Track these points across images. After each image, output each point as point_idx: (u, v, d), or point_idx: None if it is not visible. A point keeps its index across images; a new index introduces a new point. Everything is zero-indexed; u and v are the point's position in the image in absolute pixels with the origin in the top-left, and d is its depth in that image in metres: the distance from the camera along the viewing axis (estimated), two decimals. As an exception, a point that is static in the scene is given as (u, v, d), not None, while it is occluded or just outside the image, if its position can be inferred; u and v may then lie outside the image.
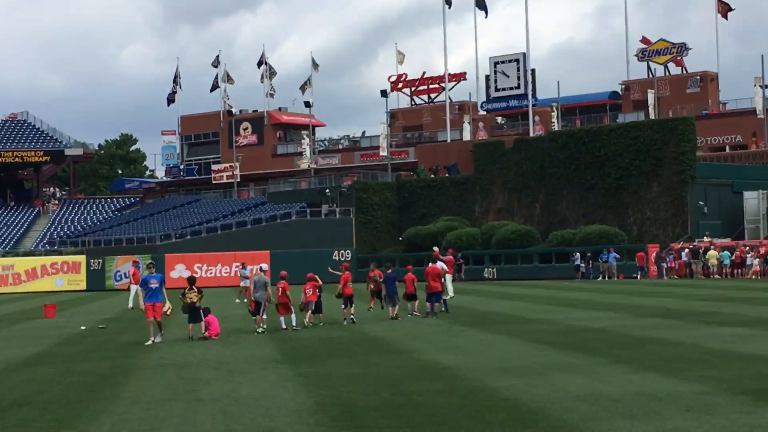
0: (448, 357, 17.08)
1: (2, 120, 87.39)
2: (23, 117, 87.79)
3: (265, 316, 23.64)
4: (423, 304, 27.23)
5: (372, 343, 20.12)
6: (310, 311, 24.90)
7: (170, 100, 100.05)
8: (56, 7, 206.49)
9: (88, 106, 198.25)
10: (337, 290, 26.25)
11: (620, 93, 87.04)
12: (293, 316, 24.13)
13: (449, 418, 11.30)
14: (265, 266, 25.00)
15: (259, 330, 23.34)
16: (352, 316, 25.67)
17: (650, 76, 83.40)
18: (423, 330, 23.01)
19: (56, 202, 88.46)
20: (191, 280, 22.75)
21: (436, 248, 33.51)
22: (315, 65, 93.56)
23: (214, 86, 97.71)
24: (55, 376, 16.12)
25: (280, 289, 23.80)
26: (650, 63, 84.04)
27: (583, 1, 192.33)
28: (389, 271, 27.03)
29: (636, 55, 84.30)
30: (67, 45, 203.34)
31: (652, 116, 72.46)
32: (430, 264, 27.69)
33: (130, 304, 36.25)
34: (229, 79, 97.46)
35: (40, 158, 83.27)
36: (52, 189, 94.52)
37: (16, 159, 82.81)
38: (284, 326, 23.81)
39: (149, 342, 21.36)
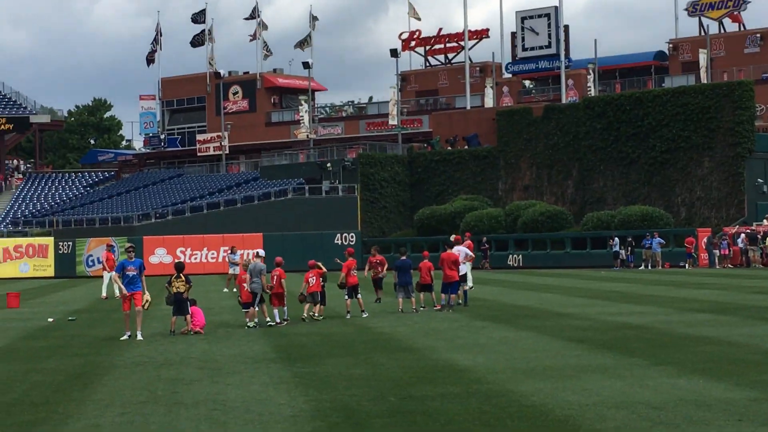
0: (466, 357, 17.13)
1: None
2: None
3: (257, 309, 23.67)
4: (438, 295, 27.29)
5: (378, 340, 20.19)
6: (317, 304, 24.97)
7: (150, 59, 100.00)
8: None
9: (57, 66, 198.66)
10: (339, 279, 26.30)
11: (667, 53, 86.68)
12: (286, 308, 24.26)
13: (466, 426, 11.34)
14: (261, 252, 25.04)
15: (251, 324, 23.43)
16: (362, 311, 25.72)
17: (702, 33, 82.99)
18: (437, 325, 23.08)
19: (20, 176, 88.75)
20: (179, 267, 22.84)
21: (456, 235, 33.64)
22: (313, 20, 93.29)
23: (197, 42, 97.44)
24: (18, 375, 16.22)
25: (275, 277, 23.87)
26: (702, 18, 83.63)
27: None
28: (403, 257, 27.02)
29: (686, 10, 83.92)
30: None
31: (703, 80, 72.22)
32: (447, 249, 27.70)
33: (104, 293, 36.67)
34: (209, 37, 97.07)
35: (2, 126, 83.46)
36: (15, 161, 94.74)
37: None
38: (277, 319, 23.91)
39: (124, 337, 21.47)
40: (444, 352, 17.79)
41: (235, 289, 35.31)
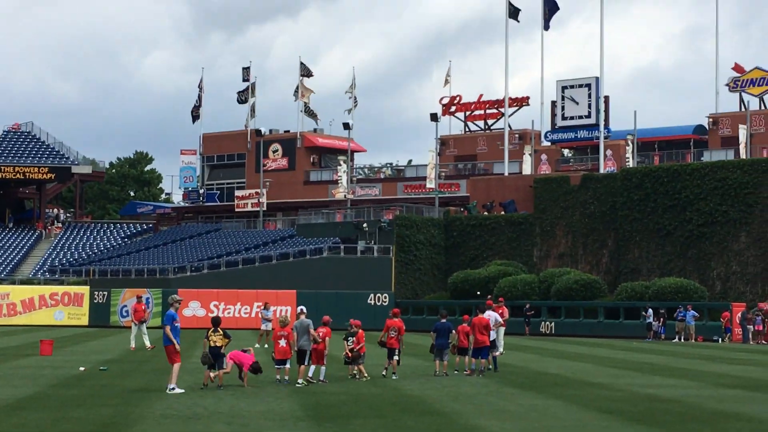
0: (494, 423, 17.03)
1: (4, 131, 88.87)
2: (27, 128, 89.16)
3: (305, 365, 23.64)
4: (469, 360, 27.31)
5: (406, 402, 20.13)
6: (361, 365, 25.24)
7: (195, 115, 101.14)
8: (72, 6, 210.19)
9: (101, 118, 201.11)
10: (380, 336, 26.44)
11: (707, 127, 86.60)
12: (324, 368, 24.34)
13: (490, 493, 11.29)
14: (304, 308, 25.30)
15: (300, 382, 23.37)
16: (393, 373, 25.80)
17: (743, 109, 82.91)
18: (466, 390, 22.99)
19: (59, 225, 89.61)
20: (216, 321, 23.03)
21: (490, 298, 33.71)
22: (352, 87, 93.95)
23: (242, 99, 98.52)
24: (48, 423, 16.32)
25: (321, 333, 24.02)
26: (743, 94, 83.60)
27: (672, 20, 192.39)
28: (443, 319, 27.12)
29: (727, 85, 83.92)
30: (81, 49, 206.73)
31: (742, 155, 72.00)
32: (478, 314, 27.76)
33: (132, 344, 36.71)
34: (252, 94, 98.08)
35: (44, 175, 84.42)
36: (55, 210, 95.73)
37: (17, 175, 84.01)
38: (310, 375, 23.90)
39: (176, 390, 21.38)
40: (471, 418, 17.71)
41: (266, 345, 35.36)
